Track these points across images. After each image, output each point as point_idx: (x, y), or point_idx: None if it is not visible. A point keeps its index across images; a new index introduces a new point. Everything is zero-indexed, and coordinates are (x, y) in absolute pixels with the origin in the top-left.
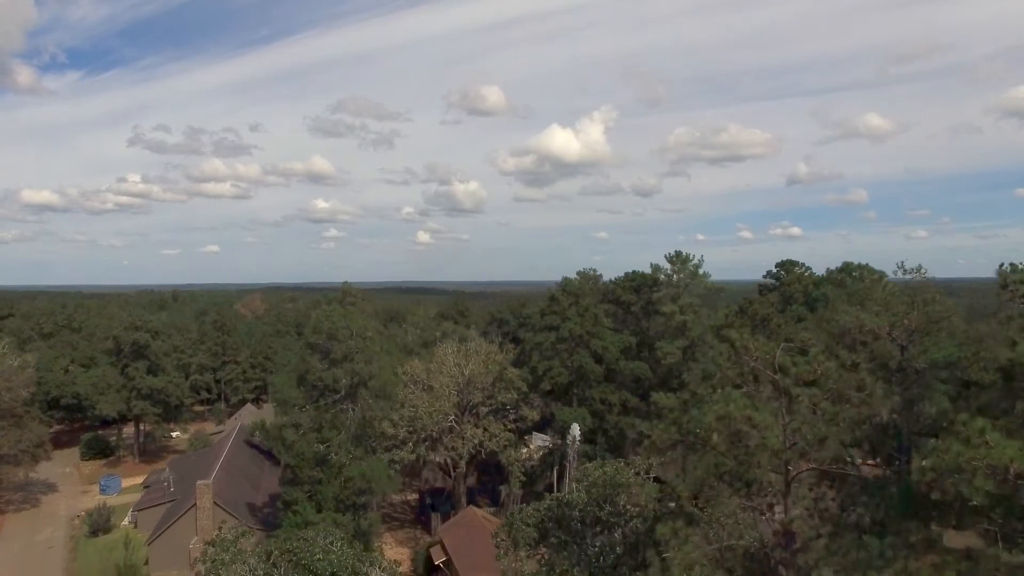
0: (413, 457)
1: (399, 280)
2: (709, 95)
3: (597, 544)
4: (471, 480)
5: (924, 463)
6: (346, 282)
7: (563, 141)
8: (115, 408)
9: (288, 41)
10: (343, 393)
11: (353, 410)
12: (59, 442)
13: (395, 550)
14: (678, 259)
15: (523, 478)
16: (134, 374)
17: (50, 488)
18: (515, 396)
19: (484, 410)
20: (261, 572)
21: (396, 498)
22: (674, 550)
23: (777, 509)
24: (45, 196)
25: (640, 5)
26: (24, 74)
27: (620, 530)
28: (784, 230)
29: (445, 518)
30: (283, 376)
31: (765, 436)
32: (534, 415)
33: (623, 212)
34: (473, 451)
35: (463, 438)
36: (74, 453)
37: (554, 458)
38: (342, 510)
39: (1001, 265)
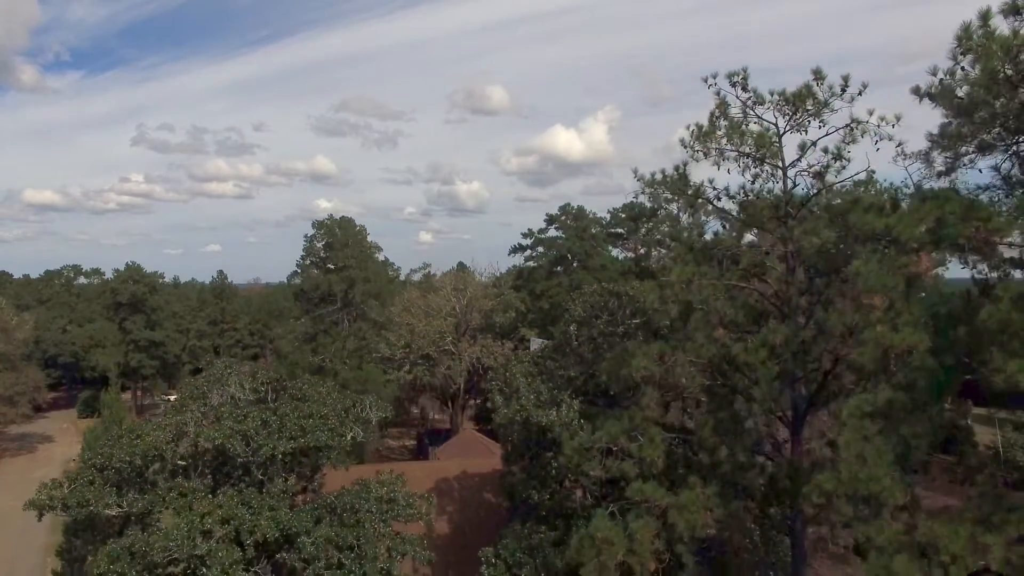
0: (410, 377)
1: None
2: (713, 95)
3: (591, 348)
4: (470, 426)
5: None
6: (345, 215)
7: (566, 141)
8: (112, 360)
9: (292, 40)
10: (339, 304)
11: (349, 322)
12: (57, 404)
13: None
14: None
15: None
16: (131, 327)
17: (47, 439)
18: (513, 316)
19: (482, 335)
20: (247, 387)
21: (394, 443)
22: (672, 273)
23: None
24: (48, 196)
25: (644, 4)
26: (27, 72)
27: (617, 335)
28: None
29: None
30: (280, 289)
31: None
32: (532, 334)
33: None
34: (470, 368)
35: (461, 359)
36: (72, 414)
37: None
38: None
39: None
